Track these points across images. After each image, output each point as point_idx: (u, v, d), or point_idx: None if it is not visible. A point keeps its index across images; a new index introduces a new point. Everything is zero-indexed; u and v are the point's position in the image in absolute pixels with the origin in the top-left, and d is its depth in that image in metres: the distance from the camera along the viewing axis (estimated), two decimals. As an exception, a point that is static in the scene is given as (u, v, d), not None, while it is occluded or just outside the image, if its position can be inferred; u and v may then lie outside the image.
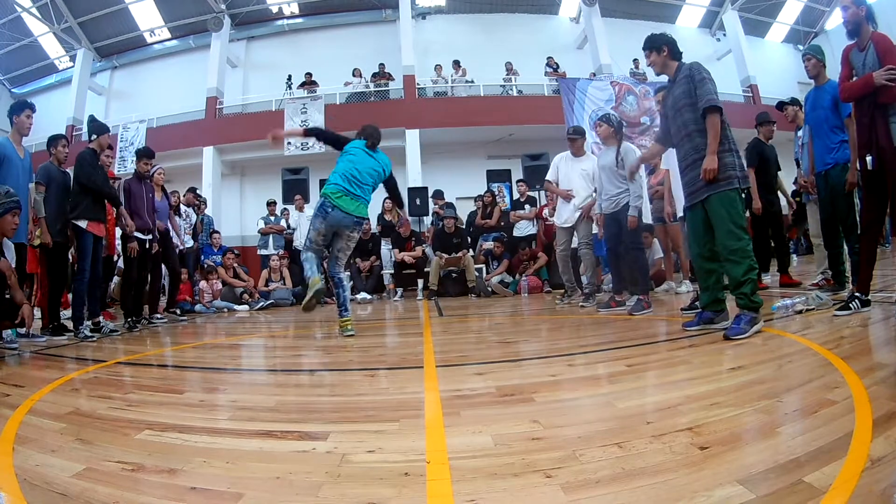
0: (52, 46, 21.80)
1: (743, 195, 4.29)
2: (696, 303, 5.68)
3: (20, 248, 5.74)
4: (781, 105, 7.48)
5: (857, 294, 4.53)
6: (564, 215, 7.75)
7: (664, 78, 4.77)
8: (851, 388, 2.33)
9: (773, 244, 7.93)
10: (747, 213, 8.00)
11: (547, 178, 8.15)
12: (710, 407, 2.29)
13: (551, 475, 1.69)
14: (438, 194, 13.15)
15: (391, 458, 1.96)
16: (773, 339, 3.91)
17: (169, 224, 8.68)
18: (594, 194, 7.32)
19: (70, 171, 6.65)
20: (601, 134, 6.74)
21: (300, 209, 12.62)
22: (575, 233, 7.70)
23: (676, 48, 4.63)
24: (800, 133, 6.99)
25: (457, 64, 18.72)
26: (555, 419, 2.30)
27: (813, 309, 4.87)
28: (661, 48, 4.60)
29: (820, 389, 2.39)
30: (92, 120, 7.18)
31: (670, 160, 5.73)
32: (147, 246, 7.69)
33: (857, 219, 5.26)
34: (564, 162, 7.90)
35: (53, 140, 6.52)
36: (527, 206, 11.96)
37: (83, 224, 6.38)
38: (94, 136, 6.80)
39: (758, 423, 2.06)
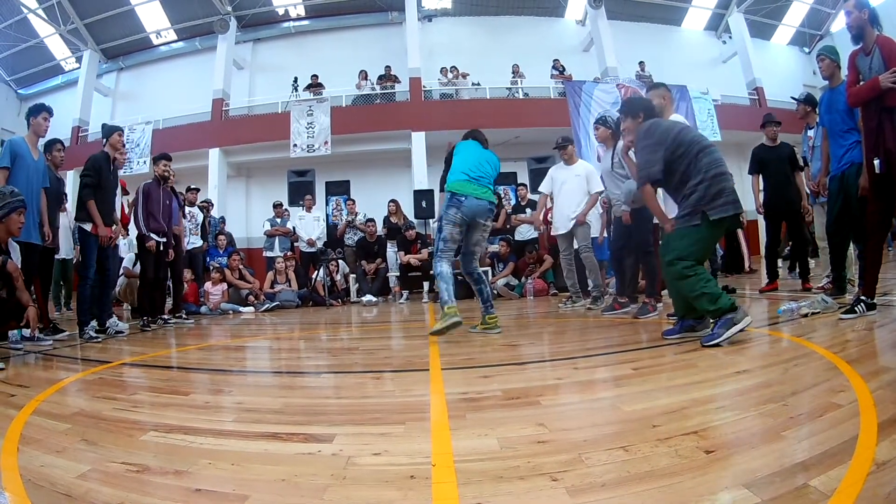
0: (58, 48, 21.86)
1: (715, 223, 4.05)
2: None
3: (32, 248, 5.78)
4: (795, 100, 7.43)
5: (862, 297, 4.51)
6: (559, 223, 7.79)
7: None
8: (857, 391, 2.33)
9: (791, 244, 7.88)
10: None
11: (541, 189, 8.20)
12: (716, 411, 2.30)
13: (557, 478, 1.70)
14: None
15: (397, 460, 1.96)
16: (778, 343, 3.92)
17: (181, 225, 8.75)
18: (591, 197, 7.48)
19: (63, 176, 6.71)
20: (599, 136, 6.79)
21: (308, 209, 12.64)
22: (574, 238, 7.72)
23: (653, 113, 4.53)
24: (810, 133, 6.97)
25: (455, 69, 18.74)
26: (561, 422, 2.32)
27: (818, 312, 4.85)
28: (637, 114, 4.51)
29: (825, 393, 2.40)
30: (103, 126, 7.25)
31: None
32: (162, 248, 7.73)
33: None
34: (558, 171, 7.98)
35: (50, 145, 6.60)
36: (528, 210, 11.93)
37: (87, 227, 6.39)
38: (104, 140, 6.83)
39: (763, 426, 2.06)
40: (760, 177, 7.99)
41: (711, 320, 3.97)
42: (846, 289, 6.09)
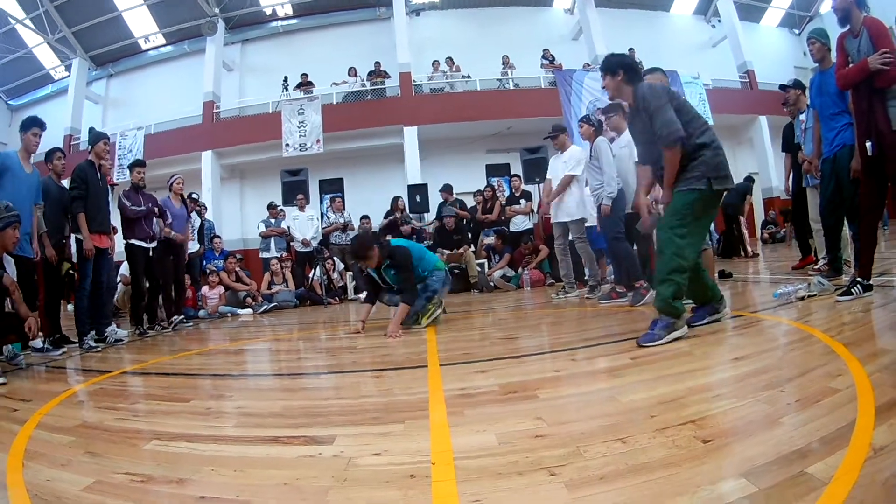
0: (46, 57, 21.80)
1: (716, 193, 3.96)
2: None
3: (28, 261, 5.76)
4: (784, 87, 7.44)
5: (858, 279, 4.50)
6: (553, 210, 7.89)
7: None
8: (854, 375, 2.33)
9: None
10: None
11: (547, 176, 8.29)
12: (713, 399, 2.31)
13: (555, 473, 1.71)
14: (447, 188, 13.09)
15: (397, 460, 1.97)
16: (775, 327, 3.93)
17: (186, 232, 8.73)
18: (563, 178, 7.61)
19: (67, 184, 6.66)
20: (583, 134, 6.86)
21: (301, 209, 12.61)
22: (569, 230, 7.76)
23: (634, 72, 4.25)
24: (802, 117, 6.97)
25: (450, 60, 18.71)
26: (558, 415, 2.33)
27: (815, 295, 4.85)
28: (616, 71, 4.22)
29: (822, 378, 2.39)
30: (90, 131, 7.21)
31: None
32: (150, 254, 7.68)
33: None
34: (553, 160, 8.18)
35: (50, 154, 6.54)
36: (522, 201, 11.92)
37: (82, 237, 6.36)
38: (90, 147, 6.79)
39: (760, 414, 2.07)
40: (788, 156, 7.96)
41: (658, 317, 3.82)
42: (842, 270, 6.10)
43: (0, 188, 5.54)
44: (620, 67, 4.21)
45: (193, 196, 10.81)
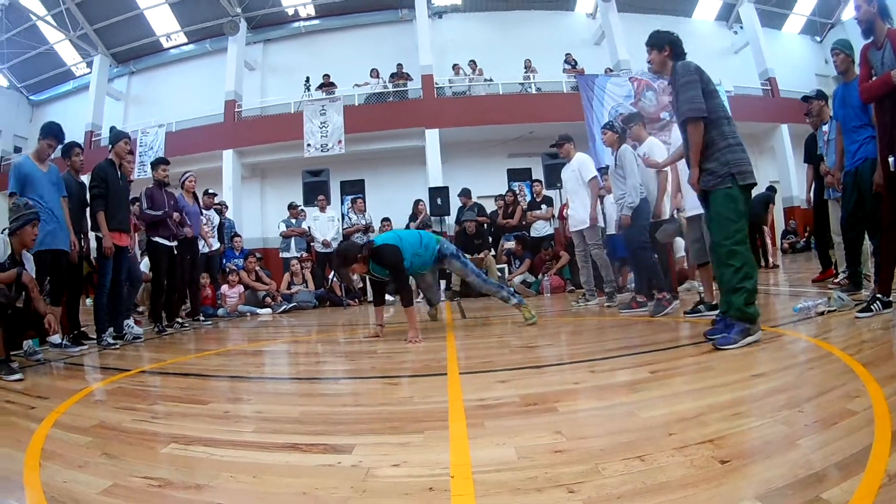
0: (68, 53, 22.09)
1: (747, 192, 4.05)
2: (700, 306, 5.66)
3: (61, 255, 5.85)
4: (807, 98, 7.37)
5: (878, 295, 4.48)
6: (571, 221, 8.03)
7: None
8: (872, 397, 2.32)
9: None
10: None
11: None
12: (732, 417, 2.30)
13: (574, 490, 1.71)
14: (465, 192, 13.13)
15: (416, 471, 1.98)
16: (794, 343, 3.91)
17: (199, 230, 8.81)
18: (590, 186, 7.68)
19: (86, 180, 6.72)
20: (606, 141, 6.81)
21: (322, 209, 12.66)
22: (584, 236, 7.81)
23: (680, 48, 4.36)
24: (825, 128, 6.90)
25: (473, 63, 18.69)
26: (578, 430, 2.33)
27: (834, 310, 4.83)
28: (663, 47, 4.35)
29: (840, 399, 2.39)
30: (110, 130, 7.29)
31: None
32: (174, 252, 7.81)
33: None
34: (563, 171, 8.34)
35: (68, 150, 6.53)
36: (543, 206, 11.94)
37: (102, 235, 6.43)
38: (111, 146, 6.86)
39: (778, 434, 2.07)
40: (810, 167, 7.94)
41: (733, 321, 3.88)
42: (862, 284, 6.06)
43: (29, 193, 5.59)
44: (668, 43, 4.34)
45: (211, 192, 10.87)
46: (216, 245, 10.40)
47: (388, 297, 11.12)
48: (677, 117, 4.25)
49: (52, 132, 6.02)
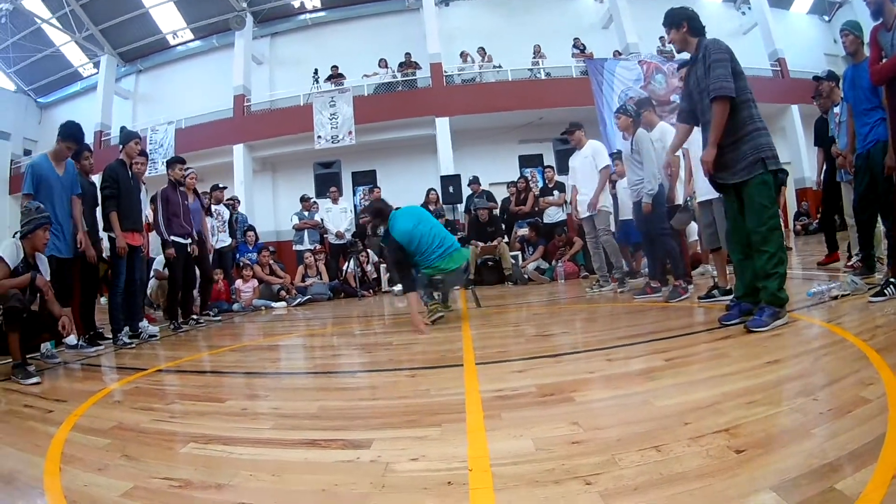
0: (74, 55, 22.17)
1: (780, 176, 4.13)
2: (714, 291, 5.67)
3: (67, 262, 5.86)
4: (818, 78, 7.32)
5: (891, 279, 4.45)
6: (581, 207, 8.02)
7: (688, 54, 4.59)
8: (886, 384, 2.32)
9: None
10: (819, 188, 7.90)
11: (569, 178, 8.37)
12: (747, 406, 2.30)
13: (591, 482, 1.74)
14: (475, 180, 13.15)
15: (434, 465, 2.00)
16: (808, 329, 3.90)
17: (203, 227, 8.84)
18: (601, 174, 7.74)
19: (96, 180, 6.75)
20: (620, 125, 6.76)
21: (335, 201, 12.70)
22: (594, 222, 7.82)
23: (697, 23, 4.40)
24: (836, 110, 6.85)
25: (482, 50, 18.57)
26: (594, 420, 2.35)
27: (848, 294, 4.81)
28: (681, 24, 4.39)
29: (854, 386, 2.39)
30: (121, 130, 7.32)
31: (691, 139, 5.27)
32: (189, 250, 7.87)
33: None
34: (573, 158, 8.29)
35: (77, 154, 6.46)
36: (555, 192, 11.91)
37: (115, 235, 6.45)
38: (121, 147, 6.88)
39: (793, 423, 2.07)
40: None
41: (764, 305, 3.94)
42: (875, 267, 6.03)
43: (39, 198, 5.59)
44: (684, 19, 4.38)
45: (221, 186, 10.91)
46: (227, 240, 10.45)
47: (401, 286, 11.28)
48: (704, 95, 4.20)
49: (70, 134, 5.95)
